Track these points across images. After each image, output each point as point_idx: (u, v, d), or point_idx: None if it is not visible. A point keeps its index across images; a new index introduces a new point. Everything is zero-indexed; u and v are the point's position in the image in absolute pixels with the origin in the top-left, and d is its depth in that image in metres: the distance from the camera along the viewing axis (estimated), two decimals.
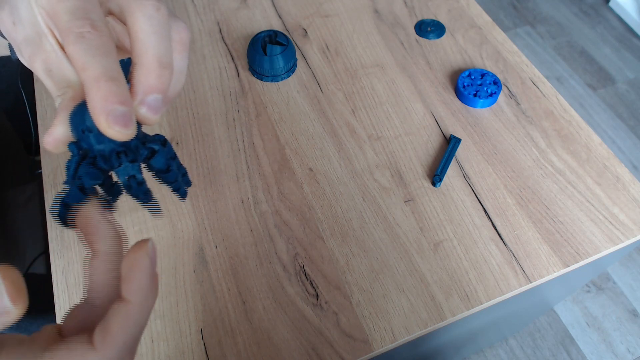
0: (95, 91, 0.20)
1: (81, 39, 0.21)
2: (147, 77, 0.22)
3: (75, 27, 0.21)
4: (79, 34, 0.21)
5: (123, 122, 0.21)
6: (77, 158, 0.23)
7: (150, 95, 0.22)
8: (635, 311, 1.23)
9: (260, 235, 0.49)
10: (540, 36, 1.86)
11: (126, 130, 0.21)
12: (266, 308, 0.45)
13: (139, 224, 0.50)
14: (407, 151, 0.56)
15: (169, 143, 0.26)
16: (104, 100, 0.20)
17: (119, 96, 0.21)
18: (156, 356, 0.43)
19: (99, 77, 0.20)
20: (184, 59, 0.26)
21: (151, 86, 0.22)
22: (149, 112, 0.23)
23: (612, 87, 1.70)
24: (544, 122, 0.59)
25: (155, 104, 0.23)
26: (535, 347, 1.17)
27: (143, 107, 0.22)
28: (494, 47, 0.67)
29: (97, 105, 0.20)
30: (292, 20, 0.69)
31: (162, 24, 0.23)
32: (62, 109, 0.23)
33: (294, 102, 0.60)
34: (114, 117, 0.20)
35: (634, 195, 0.53)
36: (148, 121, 0.23)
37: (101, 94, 0.20)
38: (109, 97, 0.20)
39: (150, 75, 0.22)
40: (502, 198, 0.53)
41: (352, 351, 0.43)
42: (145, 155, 0.24)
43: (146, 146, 0.24)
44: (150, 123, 0.23)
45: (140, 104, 0.22)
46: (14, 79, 0.87)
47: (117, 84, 0.21)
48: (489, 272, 0.48)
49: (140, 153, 0.24)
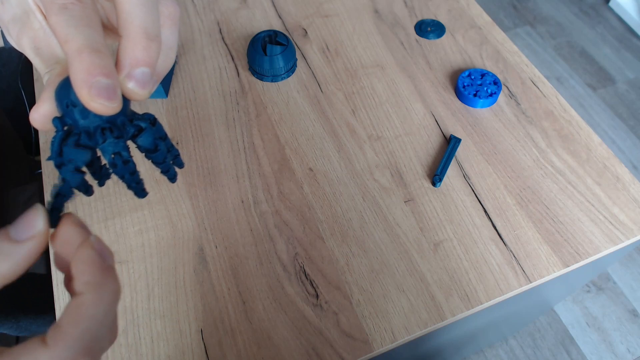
0: (77, 63, 0.20)
1: (64, 10, 0.20)
2: (133, 49, 0.21)
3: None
4: (62, 5, 0.20)
5: (107, 95, 0.20)
6: (62, 134, 0.22)
7: (138, 68, 0.22)
8: (635, 311, 1.23)
9: (260, 235, 0.49)
10: (540, 36, 1.86)
11: (110, 103, 0.20)
12: (266, 308, 0.45)
13: (139, 224, 0.50)
14: (407, 151, 0.56)
15: (159, 123, 0.25)
16: (87, 72, 0.20)
17: (102, 68, 0.20)
18: (156, 356, 0.43)
19: (81, 49, 0.20)
20: (174, 34, 0.25)
21: (138, 59, 0.21)
22: (136, 86, 0.22)
23: (612, 87, 1.70)
24: (544, 122, 0.59)
25: (143, 78, 0.22)
26: (535, 347, 1.17)
27: (130, 80, 0.22)
28: (494, 47, 0.67)
29: (80, 77, 0.20)
30: (292, 20, 0.69)
31: None
32: (49, 84, 0.23)
33: (294, 102, 0.60)
34: (97, 89, 0.20)
35: (634, 195, 0.53)
36: (136, 96, 0.22)
37: (84, 66, 0.20)
38: (92, 69, 0.20)
39: (137, 47, 0.21)
40: (502, 198, 0.53)
41: (352, 351, 0.43)
42: (132, 133, 0.23)
43: (133, 123, 0.23)
44: (138, 98, 0.22)
45: (127, 77, 0.21)
46: (14, 79, 0.87)
47: (100, 55, 0.20)
48: (489, 272, 0.48)
49: (126, 130, 0.23)
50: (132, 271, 0.47)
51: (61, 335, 0.19)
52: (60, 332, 0.19)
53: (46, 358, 0.19)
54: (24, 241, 0.21)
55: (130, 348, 0.43)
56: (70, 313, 0.20)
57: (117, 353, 0.43)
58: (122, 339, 0.44)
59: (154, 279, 0.47)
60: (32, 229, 0.21)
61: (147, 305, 0.45)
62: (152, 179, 0.53)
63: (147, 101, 0.59)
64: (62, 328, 0.20)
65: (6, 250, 0.20)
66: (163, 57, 0.24)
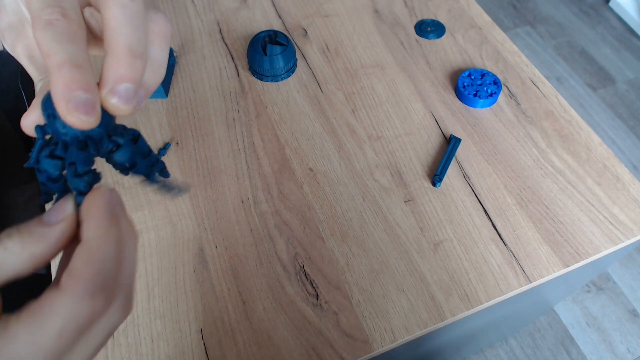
0: (57, 77, 0.20)
1: (49, 26, 0.20)
2: (117, 65, 0.22)
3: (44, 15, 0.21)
4: (48, 21, 0.21)
5: (84, 109, 0.20)
6: (42, 142, 0.23)
7: (122, 84, 0.22)
8: (635, 311, 1.23)
9: (260, 235, 0.49)
10: (540, 36, 1.86)
11: (87, 117, 0.20)
12: (266, 308, 0.45)
13: (139, 224, 0.50)
14: (407, 151, 0.56)
15: (143, 139, 0.25)
16: (65, 87, 0.20)
17: (81, 83, 0.20)
18: (156, 356, 0.43)
19: (62, 64, 0.20)
20: (164, 50, 0.25)
21: (122, 75, 0.22)
22: (120, 102, 0.22)
23: (612, 87, 1.70)
24: (544, 122, 0.59)
25: (127, 94, 0.22)
26: (535, 347, 1.17)
27: (114, 96, 0.22)
28: (494, 47, 0.67)
29: (58, 91, 0.20)
30: (292, 20, 0.69)
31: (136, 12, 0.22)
32: (40, 93, 0.23)
33: (294, 102, 0.60)
34: (75, 103, 0.20)
35: (634, 195, 0.53)
36: (119, 111, 0.22)
37: (63, 80, 0.20)
38: (71, 84, 0.20)
39: (120, 64, 0.22)
40: (502, 198, 0.53)
41: (352, 351, 0.43)
42: (110, 149, 0.24)
43: (111, 139, 0.23)
44: (121, 113, 0.23)
45: (110, 93, 0.22)
46: (14, 79, 0.87)
47: (80, 71, 0.20)
48: (489, 272, 0.48)
49: (103, 145, 0.23)
50: None
51: (73, 278, 0.20)
52: (72, 275, 0.20)
53: (63, 301, 0.20)
54: (56, 224, 0.22)
55: (130, 348, 0.43)
56: (79, 256, 0.21)
57: (117, 353, 0.43)
58: (122, 339, 0.44)
59: (154, 279, 0.47)
60: (62, 212, 0.22)
61: (147, 305, 0.45)
62: None
63: (147, 101, 0.59)
64: (74, 271, 0.20)
65: (39, 232, 0.21)
66: (152, 73, 0.25)
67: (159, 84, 0.25)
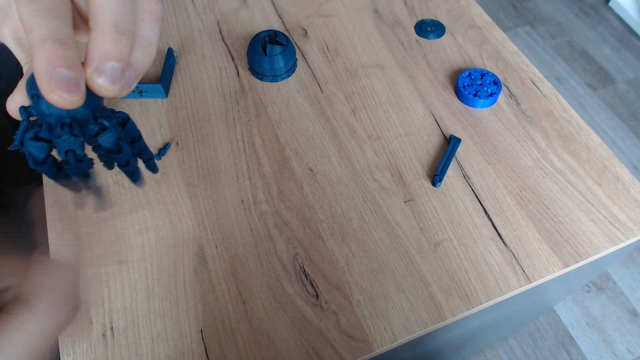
0: (39, 53, 0.19)
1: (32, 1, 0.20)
2: (102, 42, 0.21)
3: None
4: None
5: (67, 87, 0.19)
6: (26, 124, 0.22)
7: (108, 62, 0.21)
8: (635, 311, 1.23)
9: (260, 235, 0.49)
10: (540, 36, 1.86)
11: (71, 96, 0.19)
12: (266, 308, 0.45)
13: (139, 223, 0.50)
14: (407, 151, 0.56)
15: (132, 123, 0.24)
16: (48, 63, 0.19)
17: (65, 59, 0.19)
18: (156, 356, 0.43)
19: (45, 39, 0.19)
20: (154, 29, 0.25)
21: (107, 52, 0.21)
22: (106, 81, 0.21)
23: (612, 87, 1.70)
24: (544, 122, 0.59)
25: (113, 73, 0.21)
26: (535, 347, 1.17)
27: (100, 75, 0.21)
28: (494, 47, 0.67)
29: (40, 67, 0.19)
30: (292, 20, 0.69)
31: None
32: (26, 75, 0.22)
33: (294, 102, 0.60)
34: (57, 81, 0.19)
35: (634, 195, 0.53)
36: (106, 92, 0.21)
37: (45, 56, 0.19)
38: (54, 60, 0.19)
39: (106, 40, 0.21)
40: (502, 198, 0.53)
41: (352, 351, 0.43)
42: (95, 131, 0.23)
43: (97, 122, 0.23)
44: (108, 94, 0.22)
45: (95, 71, 0.21)
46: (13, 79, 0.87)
47: (64, 47, 0.19)
48: (489, 272, 0.48)
49: (89, 127, 0.22)
50: (132, 271, 0.47)
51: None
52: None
53: None
54: None
55: (130, 348, 0.43)
56: None
57: (117, 353, 0.43)
58: (122, 339, 0.44)
59: (154, 279, 0.47)
60: None
61: (147, 305, 0.45)
62: (152, 179, 0.53)
63: (147, 101, 0.59)
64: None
65: None
66: (143, 52, 0.24)
67: (149, 64, 0.24)
